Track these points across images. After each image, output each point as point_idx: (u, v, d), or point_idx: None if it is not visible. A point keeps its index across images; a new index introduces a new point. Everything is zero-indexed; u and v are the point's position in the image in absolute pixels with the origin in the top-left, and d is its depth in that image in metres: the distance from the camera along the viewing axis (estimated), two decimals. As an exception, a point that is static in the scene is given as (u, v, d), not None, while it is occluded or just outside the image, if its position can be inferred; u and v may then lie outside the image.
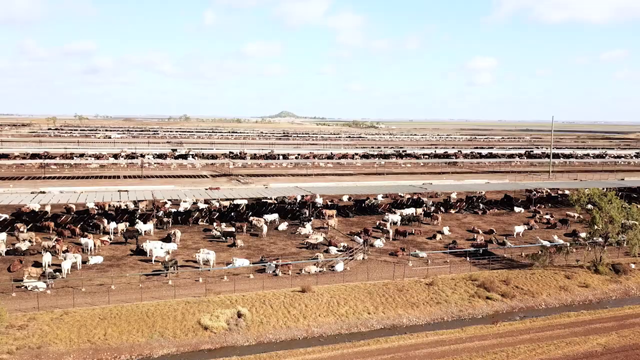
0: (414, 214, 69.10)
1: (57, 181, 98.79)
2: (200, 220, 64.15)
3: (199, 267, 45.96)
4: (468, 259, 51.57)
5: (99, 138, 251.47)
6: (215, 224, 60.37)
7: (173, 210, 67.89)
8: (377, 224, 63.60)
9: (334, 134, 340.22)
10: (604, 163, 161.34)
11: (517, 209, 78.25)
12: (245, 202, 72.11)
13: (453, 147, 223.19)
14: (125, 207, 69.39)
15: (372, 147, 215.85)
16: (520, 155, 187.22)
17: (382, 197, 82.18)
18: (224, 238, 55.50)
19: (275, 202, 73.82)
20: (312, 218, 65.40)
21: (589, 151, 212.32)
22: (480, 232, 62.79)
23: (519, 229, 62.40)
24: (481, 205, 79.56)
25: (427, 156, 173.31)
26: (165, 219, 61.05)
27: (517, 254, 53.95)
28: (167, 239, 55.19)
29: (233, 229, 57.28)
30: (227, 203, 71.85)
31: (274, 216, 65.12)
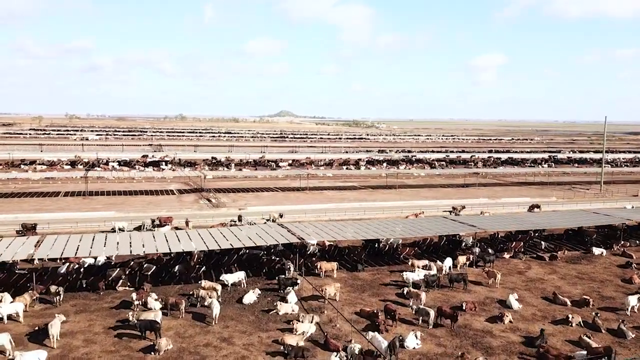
0: (457, 269, 45.42)
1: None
2: (120, 283, 40.32)
3: None
4: (581, 381, 28.05)
5: (75, 140, 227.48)
6: (135, 296, 36.02)
7: (88, 262, 44.04)
8: (405, 292, 39.31)
9: (334, 135, 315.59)
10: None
11: (596, 251, 54.42)
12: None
13: (464, 151, 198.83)
14: (11, 261, 44.84)
15: (379, 150, 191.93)
16: (545, 161, 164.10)
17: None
18: (140, 333, 31.66)
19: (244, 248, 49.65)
20: (298, 279, 41.28)
21: (617, 155, 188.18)
22: (569, 303, 39.13)
23: (634, 300, 38.56)
24: (543, 244, 55.90)
25: (441, 163, 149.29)
26: (53, 288, 36.86)
27: (660, 363, 30.32)
28: (42, 332, 31.61)
29: (159, 316, 33.15)
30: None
31: (239, 275, 41.18)
